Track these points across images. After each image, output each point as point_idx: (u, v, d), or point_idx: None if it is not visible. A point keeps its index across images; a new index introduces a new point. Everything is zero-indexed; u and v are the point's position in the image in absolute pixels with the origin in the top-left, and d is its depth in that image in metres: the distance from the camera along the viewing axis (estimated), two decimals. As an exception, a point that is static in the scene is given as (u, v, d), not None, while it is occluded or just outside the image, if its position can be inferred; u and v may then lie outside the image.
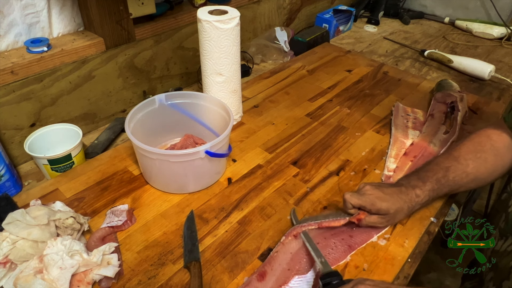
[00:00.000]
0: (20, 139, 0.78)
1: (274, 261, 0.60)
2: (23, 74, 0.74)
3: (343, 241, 0.63)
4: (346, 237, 0.64)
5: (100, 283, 0.55)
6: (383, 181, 0.77)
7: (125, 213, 0.65)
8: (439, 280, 1.51)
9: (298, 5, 1.39)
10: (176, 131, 0.83)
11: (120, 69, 0.90)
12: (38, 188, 0.72)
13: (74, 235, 0.60)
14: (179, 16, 0.98)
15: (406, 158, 0.81)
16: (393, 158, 0.81)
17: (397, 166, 0.79)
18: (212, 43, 0.78)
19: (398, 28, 1.54)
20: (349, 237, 0.64)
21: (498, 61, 1.26)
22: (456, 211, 1.65)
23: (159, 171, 0.70)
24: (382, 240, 0.64)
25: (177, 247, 0.62)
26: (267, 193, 0.73)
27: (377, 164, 0.81)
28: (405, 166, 0.79)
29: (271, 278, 0.57)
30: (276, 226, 0.66)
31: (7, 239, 0.54)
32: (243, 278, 0.58)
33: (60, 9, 0.81)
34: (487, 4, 1.47)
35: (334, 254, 0.61)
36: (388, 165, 0.80)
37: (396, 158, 0.81)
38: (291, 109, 0.98)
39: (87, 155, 0.81)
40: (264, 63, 1.24)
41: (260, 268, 0.59)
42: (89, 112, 0.89)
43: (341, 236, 0.64)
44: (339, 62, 1.21)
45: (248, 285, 0.56)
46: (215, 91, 0.85)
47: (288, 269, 0.59)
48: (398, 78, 1.13)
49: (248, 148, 0.84)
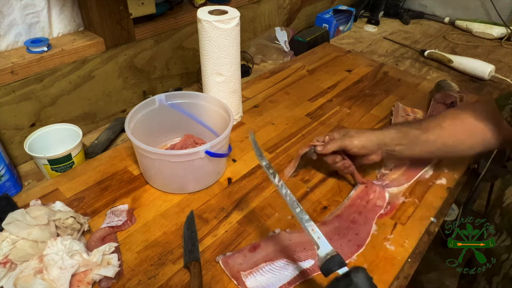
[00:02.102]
0: (20, 139, 0.78)
1: (271, 240, 0.63)
2: (23, 74, 0.74)
3: (350, 242, 0.63)
4: (352, 237, 0.64)
5: (100, 283, 0.55)
6: (377, 178, 0.77)
7: (125, 213, 0.65)
8: (439, 280, 1.51)
9: (298, 5, 1.39)
10: (176, 131, 0.83)
11: (120, 69, 0.90)
12: (38, 188, 0.72)
13: (74, 235, 0.60)
14: (179, 16, 0.98)
15: None
16: None
17: (395, 165, 0.79)
18: (212, 43, 0.78)
19: (398, 28, 1.54)
20: (355, 235, 0.64)
21: (498, 61, 1.26)
22: (456, 211, 1.65)
23: (159, 171, 0.70)
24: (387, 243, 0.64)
25: (177, 247, 0.62)
26: (267, 193, 0.73)
27: (377, 164, 0.80)
28: (403, 165, 0.79)
29: (260, 252, 0.60)
30: (276, 226, 0.66)
31: (7, 239, 0.54)
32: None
33: (60, 9, 0.81)
34: (487, 4, 1.47)
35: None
36: (386, 163, 0.80)
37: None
38: (291, 109, 0.98)
39: (87, 155, 0.81)
40: (264, 63, 1.24)
41: (256, 242, 0.63)
42: (89, 112, 0.89)
43: (348, 237, 0.64)
44: (339, 62, 1.21)
45: (240, 252, 0.61)
46: (215, 91, 0.85)
47: (280, 251, 0.61)
48: (398, 78, 1.13)
49: (248, 148, 0.84)
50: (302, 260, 0.60)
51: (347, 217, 0.67)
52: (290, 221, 0.67)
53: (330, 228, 0.65)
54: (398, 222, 0.67)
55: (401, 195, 0.73)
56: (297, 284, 0.57)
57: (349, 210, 0.69)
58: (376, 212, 0.68)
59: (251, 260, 0.59)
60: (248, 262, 0.59)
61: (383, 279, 0.58)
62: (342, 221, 0.67)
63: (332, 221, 0.67)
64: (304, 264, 0.59)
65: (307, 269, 0.59)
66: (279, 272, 0.58)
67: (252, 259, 0.59)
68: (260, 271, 0.58)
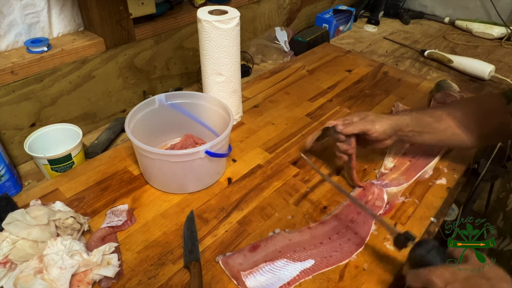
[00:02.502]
0: (20, 139, 0.78)
1: (270, 240, 0.63)
2: (23, 74, 0.74)
3: (350, 241, 0.63)
4: (351, 236, 0.64)
5: (100, 283, 0.55)
6: (377, 178, 0.77)
7: (125, 213, 0.65)
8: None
9: (298, 5, 1.39)
10: (176, 131, 0.83)
11: (120, 69, 0.90)
12: (38, 188, 0.72)
13: (74, 235, 0.60)
14: (179, 16, 0.98)
15: (405, 158, 0.81)
16: (391, 158, 0.81)
17: (395, 166, 0.79)
18: (212, 43, 0.78)
19: (398, 28, 1.54)
20: (355, 234, 0.64)
21: (498, 61, 1.26)
22: (456, 211, 1.64)
23: (159, 171, 0.70)
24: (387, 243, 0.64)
25: (177, 247, 0.62)
26: (267, 193, 0.73)
27: (377, 164, 0.81)
28: (403, 165, 0.79)
29: (260, 253, 0.60)
30: (276, 226, 0.66)
31: (7, 239, 0.54)
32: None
33: (60, 9, 0.81)
34: (487, 4, 1.47)
35: (340, 254, 0.61)
36: (386, 164, 0.80)
37: (395, 158, 0.81)
38: (291, 109, 0.98)
39: (87, 155, 0.81)
40: (264, 63, 1.24)
41: (256, 242, 0.63)
42: (89, 112, 0.89)
43: (347, 236, 0.64)
44: (339, 62, 1.21)
45: (240, 252, 0.61)
46: (215, 91, 0.85)
47: (280, 251, 0.61)
48: (398, 78, 1.13)
49: (248, 148, 0.84)
50: (302, 260, 0.60)
51: (346, 217, 0.67)
52: (290, 221, 0.67)
53: (329, 227, 0.66)
54: (398, 222, 0.67)
55: (400, 194, 0.73)
56: (297, 284, 0.57)
57: (347, 210, 0.69)
58: (375, 212, 0.68)
59: (251, 260, 0.59)
60: (248, 262, 0.59)
61: (383, 279, 0.58)
62: (341, 220, 0.67)
63: (330, 220, 0.67)
64: (304, 264, 0.59)
65: (307, 268, 0.59)
66: (279, 272, 0.58)
67: (252, 259, 0.59)
68: (260, 271, 0.58)
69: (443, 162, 0.81)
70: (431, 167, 0.79)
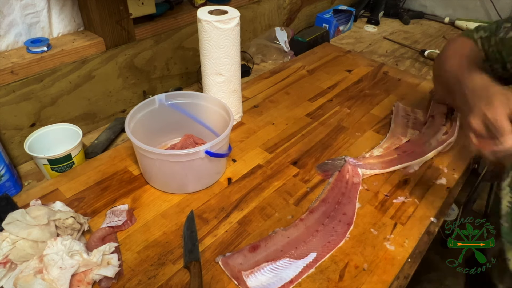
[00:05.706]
0: (20, 139, 0.78)
1: (270, 240, 0.63)
2: (23, 74, 0.74)
3: (341, 222, 0.66)
4: (341, 217, 0.67)
5: (100, 283, 0.55)
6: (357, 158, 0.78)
7: (125, 213, 0.65)
8: (439, 280, 1.51)
9: (298, 5, 1.39)
10: (176, 131, 0.83)
11: (120, 69, 0.90)
12: (38, 188, 0.72)
13: (74, 235, 0.60)
14: (179, 16, 0.98)
15: (394, 151, 0.82)
16: (382, 149, 0.82)
17: (381, 155, 0.81)
18: (212, 43, 0.78)
19: (398, 28, 1.54)
20: (343, 215, 0.67)
21: (498, 61, 1.26)
22: (456, 211, 1.64)
23: (159, 171, 0.70)
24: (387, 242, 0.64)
25: (177, 247, 0.62)
26: (267, 193, 0.73)
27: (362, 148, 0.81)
28: (388, 156, 0.80)
29: (261, 253, 0.60)
30: (276, 226, 0.66)
31: (7, 239, 0.54)
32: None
33: (60, 9, 0.81)
34: (487, 4, 1.47)
35: (336, 237, 0.63)
36: (374, 151, 0.81)
37: (386, 150, 0.82)
38: (291, 109, 0.98)
39: (87, 155, 0.81)
40: (264, 63, 1.24)
41: (255, 242, 0.62)
42: (89, 112, 0.89)
43: (337, 218, 0.67)
44: (339, 62, 1.21)
45: (239, 252, 0.60)
46: (215, 91, 0.85)
47: (281, 250, 0.61)
48: (398, 78, 1.13)
49: (248, 148, 0.84)
50: (304, 256, 0.60)
51: (332, 200, 0.70)
52: (290, 221, 0.67)
53: (319, 214, 0.68)
54: (398, 222, 0.67)
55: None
56: (299, 281, 0.57)
57: (332, 193, 0.71)
58: (357, 189, 0.72)
59: (252, 260, 0.59)
60: (249, 262, 0.59)
61: (383, 279, 0.58)
62: (328, 204, 0.69)
63: (319, 206, 0.69)
64: (306, 259, 0.60)
65: (310, 262, 0.59)
66: (281, 271, 0.58)
67: (253, 259, 0.59)
68: (261, 271, 0.58)
69: (443, 162, 0.81)
70: (418, 163, 0.79)
